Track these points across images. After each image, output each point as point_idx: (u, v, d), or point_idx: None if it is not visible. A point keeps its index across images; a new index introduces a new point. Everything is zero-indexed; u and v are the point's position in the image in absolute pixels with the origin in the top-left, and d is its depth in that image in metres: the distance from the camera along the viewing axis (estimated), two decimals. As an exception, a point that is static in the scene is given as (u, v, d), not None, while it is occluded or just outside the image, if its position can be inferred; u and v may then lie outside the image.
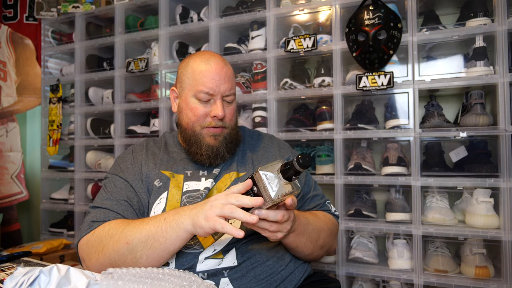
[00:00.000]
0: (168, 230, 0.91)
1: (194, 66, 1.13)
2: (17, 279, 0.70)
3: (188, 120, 1.13)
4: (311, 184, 1.24)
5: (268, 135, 1.32)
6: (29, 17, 2.72)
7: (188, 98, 1.13)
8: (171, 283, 0.73)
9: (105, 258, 0.95)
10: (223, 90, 1.11)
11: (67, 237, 2.45)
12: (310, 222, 1.07)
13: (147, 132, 2.21)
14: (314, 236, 1.08)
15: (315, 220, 1.10)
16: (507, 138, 1.51)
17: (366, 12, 1.65)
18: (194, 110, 1.11)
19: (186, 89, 1.14)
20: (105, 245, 0.95)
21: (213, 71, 1.10)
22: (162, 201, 1.07)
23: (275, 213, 0.86)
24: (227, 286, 0.99)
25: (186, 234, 0.91)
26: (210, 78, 1.09)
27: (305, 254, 1.11)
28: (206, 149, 1.11)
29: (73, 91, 2.51)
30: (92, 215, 1.05)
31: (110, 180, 1.12)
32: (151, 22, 2.25)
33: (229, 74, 1.14)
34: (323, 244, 1.13)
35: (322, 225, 1.13)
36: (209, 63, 1.11)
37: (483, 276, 1.51)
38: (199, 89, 1.10)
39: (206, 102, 1.11)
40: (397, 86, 1.68)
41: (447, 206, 1.66)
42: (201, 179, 1.12)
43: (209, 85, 1.09)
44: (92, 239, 0.99)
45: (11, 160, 2.65)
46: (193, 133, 1.13)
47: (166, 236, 0.91)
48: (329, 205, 1.24)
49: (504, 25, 1.53)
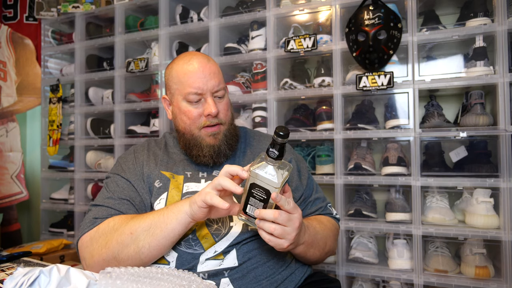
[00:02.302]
0: (169, 215, 0.95)
1: (178, 69, 1.13)
2: (17, 279, 0.70)
3: (184, 125, 1.13)
4: (312, 187, 1.25)
5: (269, 135, 1.32)
6: (29, 17, 2.72)
7: (180, 103, 1.12)
8: (170, 283, 0.72)
9: (109, 252, 0.95)
10: (211, 86, 1.10)
11: (67, 237, 2.45)
12: (318, 231, 1.08)
13: (147, 132, 2.21)
14: (322, 245, 1.10)
15: (322, 228, 1.11)
16: (507, 138, 1.50)
17: (366, 12, 1.65)
18: (188, 113, 1.11)
19: (176, 94, 1.13)
20: (109, 239, 0.96)
21: (197, 70, 1.09)
22: (162, 202, 1.07)
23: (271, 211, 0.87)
24: (227, 286, 0.99)
25: (185, 216, 0.94)
26: (196, 78, 1.09)
27: (311, 261, 1.13)
28: (208, 149, 1.11)
29: (73, 91, 2.51)
30: (94, 212, 1.04)
31: (112, 180, 1.12)
32: (151, 22, 2.25)
33: (214, 69, 1.12)
34: (328, 250, 1.15)
35: (329, 232, 1.15)
36: (191, 63, 1.11)
37: (483, 276, 1.51)
38: (187, 91, 1.09)
39: (197, 103, 1.11)
40: (397, 86, 1.67)
41: (447, 206, 1.66)
42: (201, 181, 1.12)
43: (196, 84, 1.09)
44: (96, 235, 0.99)
45: (11, 160, 2.65)
46: (192, 137, 1.12)
47: (167, 221, 0.95)
48: (330, 208, 1.25)
49: (504, 25, 1.53)
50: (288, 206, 0.88)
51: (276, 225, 0.88)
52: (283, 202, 0.87)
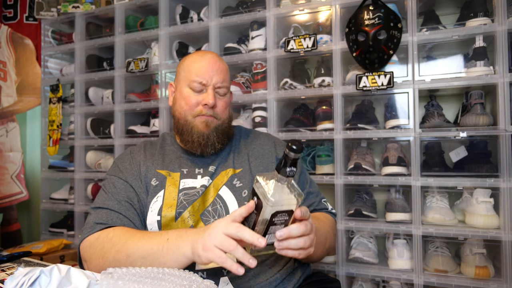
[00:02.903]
0: (168, 252, 0.89)
1: (190, 59, 1.19)
2: (17, 279, 0.70)
3: (181, 110, 1.16)
4: (305, 181, 1.22)
5: (264, 133, 1.32)
6: (29, 17, 2.72)
7: (183, 89, 1.16)
8: (171, 283, 0.72)
9: (105, 264, 0.95)
10: (215, 81, 1.14)
11: (67, 237, 2.45)
12: (318, 229, 1.05)
13: (147, 132, 2.21)
14: (323, 241, 1.08)
15: (321, 225, 1.09)
16: (507, 138, 1.51)
17: (366, 12, 1.65)
18: (187, 99, 1.14)
19: (182, 80, 1.18)
20: (106, 251, 0.96)
21: (206, 62, 1.15)
22: (159, 200, 1.08)
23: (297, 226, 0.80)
24: (226, 285, 0.99)
25: (186, 259, 0.88)
26: (203, 69, 1.13)
27: (313, 259, 1.12)
28: (197, 136, 1.12)
29: (73, 91, 2.50)
30: (94, 216, 1.05)
31: (109, 182, 1.13)
32: (151, 22, 2.25)
33: (223, 68, 1.17)
34: (329, 246, 1.14)
35: (328, 229, 1.13)
36: (203, 57, 1.17)
37: (483, 276, 1.51)
38: (192, 79, 1.14)
39: (199, 92, 1.14)
40: (397, 86, 1.68)
41: (447, 206, 1.66)
42: (197, 177, 1.13)
43: (201, 75, 1.13)
44: (95, 243, 0.99)
45: (11, 160, 2.65)
46: (186, 122, 1.15)
47: (166, 258, 0.89)
48: (325, 203, 1.22)
49: (504, 25, 1.53)
50: (308, 214, 0.82)
51: (303, 238, 0.82)
52: (306, 214, 0.81)
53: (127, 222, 1.05)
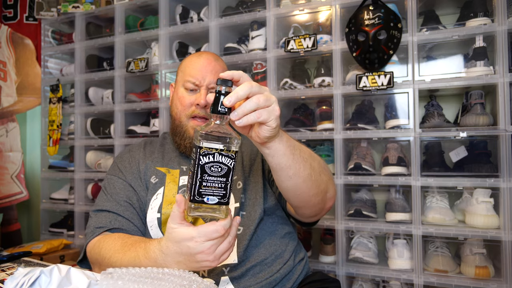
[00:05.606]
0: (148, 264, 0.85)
1: (187, 60, 1.20)
2: (17, 280, 0.70)
3: (176, 110, 1.17)
4: None
5: None
6: (29, 17, 2.72)
7: (179, 89, 1.18)
8: (171, 283, 0.72)
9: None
10: (208, 81, 1.13)
11: (67, 237, 2.45)
12: (295, 142, 0.94)
13: (147, 132, 2.21)
14: (305, 156, 0.93)
15: (300, 145, 0.97)
16: (507, 138, 1.51)
17: (366, 12, 1.65)
18: (181, 99, 1.15)
19: (179, 81, 1.19)
20: (102, 261, 0.96)
21: (201, 63, 1.15)
22: (159, 197, 1.09)
23: (241, 86, 0.74)
24: (227, 284, 0.99)
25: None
26: (197, 70, 1.14)
27: (305, 188, 0.94)
28: (189, 141, 1.13)
29: (73, 91, 2.50)
30: (94, 220, 1.06)
31: (109, 182, 1.14)
32: (151, 22, 2.25)
33: (218, 68, 1.16)
34: (319, 170, 0.97)
35: (311, 151, 1.01)
36: (199, 57, 1.17)
37: (483, 276, 1.51)
38: (186, 79, 1.14)
39: (192, 92, 1.15)
40: (397, 86, 1.68)
41: (447, 206, 1.66)
42: None
43: (195, 75, 1.13)
44: (92, 251, 1.01)
45: (11, 160, 2.65)
46: (180, 124, 1.15)
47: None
48: None
49: (504, 25, 1.53)
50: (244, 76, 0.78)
51: (255, 96, 0.75)
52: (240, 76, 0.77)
53: (126, 223, 1.05)
